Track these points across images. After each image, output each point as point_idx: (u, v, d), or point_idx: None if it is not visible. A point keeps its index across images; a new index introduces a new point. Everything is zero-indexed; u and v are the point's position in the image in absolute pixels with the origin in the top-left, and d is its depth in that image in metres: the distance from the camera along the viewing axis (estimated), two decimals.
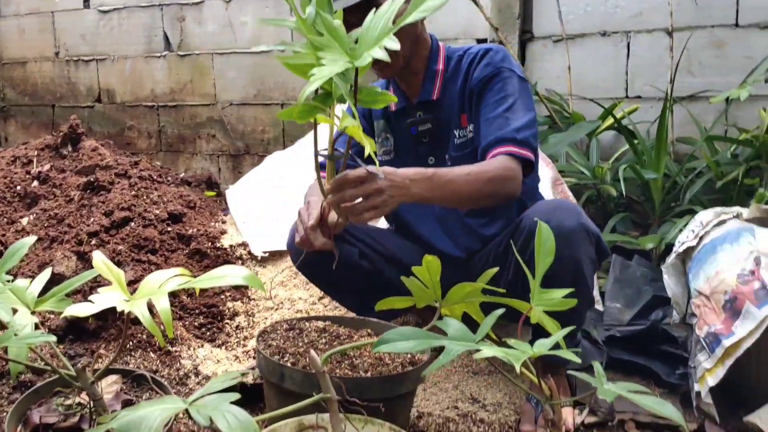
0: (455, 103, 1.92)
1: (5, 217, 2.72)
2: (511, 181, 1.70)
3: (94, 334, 2.07)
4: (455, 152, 1.93)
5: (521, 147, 1.73)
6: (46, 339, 1.26)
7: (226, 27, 4.10)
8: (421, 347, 1.16)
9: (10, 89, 5.02)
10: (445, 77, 1.93)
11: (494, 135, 1.75)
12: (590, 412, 1.84)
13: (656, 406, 1.07)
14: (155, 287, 1.31)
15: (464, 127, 1.92)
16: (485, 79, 1.84)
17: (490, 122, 1.79)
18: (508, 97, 1.80)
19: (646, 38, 3.03)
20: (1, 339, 1.26)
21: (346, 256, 1.92)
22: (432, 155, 1.97)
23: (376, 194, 1.50)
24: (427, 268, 1.33)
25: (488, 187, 1.67)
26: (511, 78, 1.83)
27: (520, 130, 1.75)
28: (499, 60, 1.85)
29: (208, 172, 3.94)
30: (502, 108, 1.79)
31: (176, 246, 2.60)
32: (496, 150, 1.74)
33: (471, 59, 1.90)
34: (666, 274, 2.09)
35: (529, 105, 1.83)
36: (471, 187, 1.65)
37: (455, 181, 1.63)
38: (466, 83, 1.89)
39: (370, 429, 1.39)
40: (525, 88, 1.86)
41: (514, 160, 1.71)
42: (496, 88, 1.82)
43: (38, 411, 1.46)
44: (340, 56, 1.22)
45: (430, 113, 1.94)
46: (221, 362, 2.06)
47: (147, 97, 4.45)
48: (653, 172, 2.63)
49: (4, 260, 1.32)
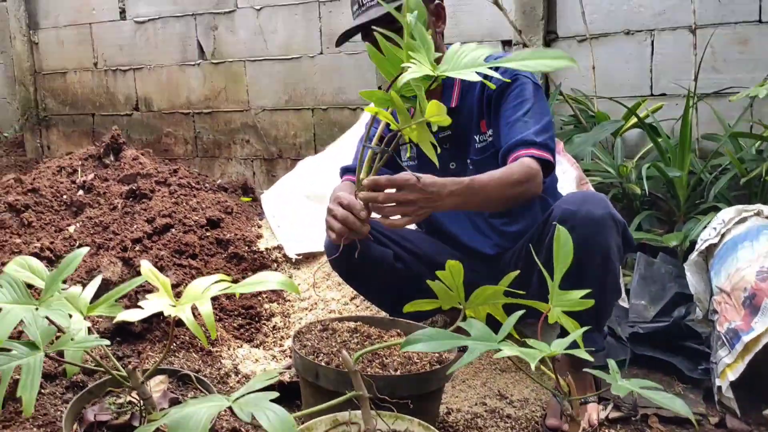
0: (474, 109, 2.00)
1: (53, 225, 2.86)
2: (534, 181, 1.77)
3: (140, 335, 2.19)
4: (476, 156, 2.01)
5: (541, 149, 1.81)
6: (100, 343, 1.37)
7: (258, 35, 4.21)
8: (444, 347, 1.24)
9: (51, 99, 5.21)
10: (463, 86, 2.01)
11: (515, 138, 1.83)
12: (614, 408, 1.90)
13: (666, 401, 1.14)
14: (199, 293, 1.41)
15: (483, 132, 2.00)
16: (503, 85, 1.91)
17: (510, 126, 1.87)
18: (525, 101, 1.88)
19: (670, 36, 3.06)
20: (59, 343, 1.37)
21: (381, 258, 2.01)
22: (453, 160, 2.05)
23: (408, 204, 1.58)
24: (450, 272, 1.41)
25: (516, 190, 1.75)
26: (527, 84, 1.90)
27: (539, 134, 1.82)
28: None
29: (244, 178, 4.06)
30: (520, 112, 1.87)
31: (215, 250, 2.72)
32: (517, 153, 1.81)
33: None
34: (689, 272, 2.14)
35: (545, 109, 1.91)
36: (501, 191, 1.73)
37: (487, 186, 1.71)
38: (484, 90, 1.97)
39: (400, 425, 1.48)
40: (540, 93, 1.93)
41: (535, 161, 1.79)
42: (514, 94, 1.90)
43: (92, 409, 1.57)
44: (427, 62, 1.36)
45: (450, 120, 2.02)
46: (259, 361, 2.16)
47: (183, 104, 4.59)
48: (677, 170, 2.66)
49: (60, 270, 1.42)
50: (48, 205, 2.97)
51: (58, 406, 1.89)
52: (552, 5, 3.29)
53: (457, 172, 2.04)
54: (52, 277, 1.42)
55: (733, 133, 2.75)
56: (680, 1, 3.00)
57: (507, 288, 1.41)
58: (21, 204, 2.89)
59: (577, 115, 3.06)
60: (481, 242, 2.09)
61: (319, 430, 1.45)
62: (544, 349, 1.17)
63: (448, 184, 1.64)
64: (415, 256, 2.09)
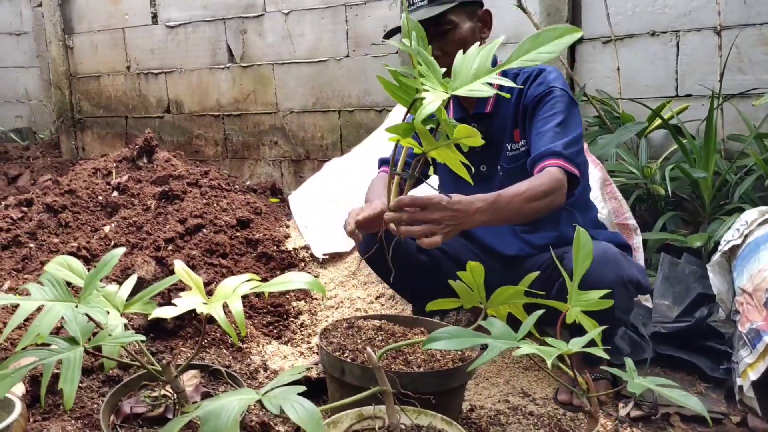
0: (509, 117, 2.03)
1: (89, 225, 2.95)
2: (559, 192, 1.80)
3: (172, 332, 2.26)
4: (507, 164, 2.04)
5: (568, 162, 1.83)
6: (136, 338, 1.43)
7: (286, 38, 4.28)
8: (465, 345, 1.28)
9: (86, 102, 5.34)
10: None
11: (543, 148, 1.86)
12: (635, 406, 1.92)
13: (682, 399, 1.17)
14: (229, 291, 1.47)
15: (516, 141, 2.03)
16: (538, 96, 1.95)
17: (541, 135, 1.90)
18: (558, 113, 1.91)
19: (695, 37, 3.06)
20: (97, 339, 1.43)
21: (404, 248, 2.05)
22: (484, 163, 2.09)
23: (434, 223, 1.61)
24: (471, 272, 1.45)
25: (542, 202, 1.77)
26: (563, 97, 1.93)
27: (568, 146, 1.85)
28: (553, 79, 1.96)
29: (272, 179, 4.13)
30: (552, 123, 1.90)
31: (245, 250, 2.79)
32: (545, 162, 1.84)
33: (526, 77, 2.01)
34: (711, 272, 2.15)
35: (577, 123, 1.93)
36: (528, 205, 1.75)
37: (513, 201, 1.73)
38: (520, 100, 2.00)
39: (423, 420, 1.52)
40: (574, 106, 1.96)
41: (561, 171, 1.82)
42: (548, 105, 1.93)
43: (128, 402, 1.64)
44: (437, 86, 1.38)
45: (483, 125, 2.06)
46: (287, 358, 2.22)
47: (213, 107, 4.69)
48: (702, 171, 2.66)
49: (98, 270, 1.49)
50: (84, 206, 3.07)
51: (94, 399, 1.96)
52: (577, 7, 3.31)
53: (488, 175, 2.08)
54: (91, 276, 1.48)
55: (758, 134, 2.74)
56: (705, 2, 3.00)
57: (527, 288, 1.45)
58: (59, 205, 2.99)
59: (602, 116, 3.08)
60: (503, 245, 2.12)
61: (345, 423, 1.50)
62: (561, 347, 1.21)
63: (475, 201, 1.67)
64: (440, 250, 2.13)
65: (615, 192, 2.56)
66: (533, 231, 2.08)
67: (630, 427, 1.86)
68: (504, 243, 2.11)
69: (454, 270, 1.78)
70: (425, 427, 1.50)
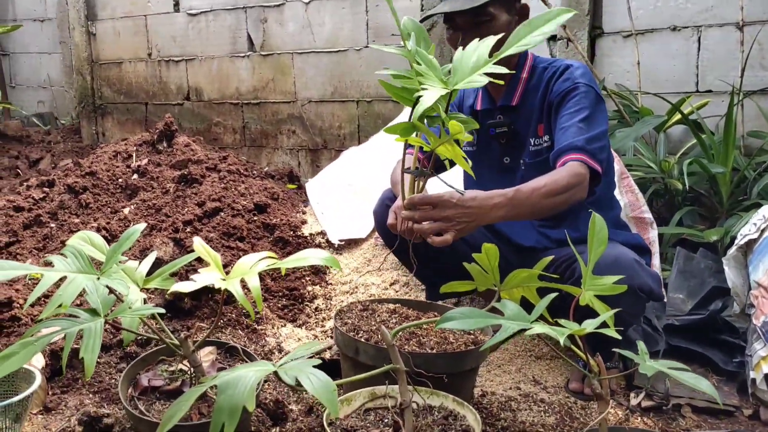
0: (534, 112, 2.03)
1: (109, 206, 3.00)
2: (579, 187, 1.79)
3: (189, 312, 2.29)
4: (529, 159, 2.05)
5: (590, 157, 1.83)
6: (156, 311, 1.46)
7: (306, 27, 4.30)
8: (479, 325, 1.29)
9: (107, 88, 5.39)
10: (528, 86, 2.04)
11: (566, 142, 1.85)
12: (646, 396, 1.93)
13: (693, 381, 1.18)
14: (247, 268, 1.49)
15: (540, 136, 2.03)
16: (564, 92, 1.94)
17: (564, 130, 1.90)
18: (583, 109, 1.90)
19: (717, 32, 3.04)
20: (118, 311, 1.46)
21: None
22: (507, 155, 2.09)
23: (445, 220, 1.63)
24: (486, 254, 1.46)
25: (561, 197, 1.77)
26: (589, 93, 1.92)
27: (591, 141, 1.85)
28: (579, 75, 1.96)
29: (290, 166, 4.16)
30: (577, 118, 1.90)
31: (261, 234, 2.82)
32: (567, 157, 1.84)
33: (553, 72, 2.01)
34: (727, 266, 2.15)
35: (602, 120, 1.93)
36: (547, 201, 1.75)
37: (532, 196, 1.74)
38: (546, 95, 2.00)
39: (435, 400, 1.54)
40: (601, 103, 1.95)
41: (583, 166, 1.81)
42: (574, 101, 1.92)
43: (146, 375, 1.67)
44: (437, 83, 1.41)
45: (508, 117, 2.07)
46: (302, 340, 2.25)
47: (232, 95, 4.72)
48: (720, 166, 2.66)
49: (120, 243, 1.52)
50: (104, 188, 3.11)
51: (112, 374, 2.00)
52: (598, 0, 3.30)
53: (511, 167, 2.09)
54: (113, 250, 1.51)
55: None
56: None
57: (541, 272, 1.47)
58: (80, 186, 3.03)
59: (621, 110, 3.07)
60: (520, 236, 2.13)
61: (357, 402, 1.52)
62: (574, 328, 1.22)
63: (493, 197, 1.68)
64: None
65: (632, 185, 2.55)
66: (553, 226, 2.08)
67: (641, 417, 1.86)
68: (521, 234, 2.12)
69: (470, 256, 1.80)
70: (437, 408, 1.53)
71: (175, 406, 1.20)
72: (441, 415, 1.49)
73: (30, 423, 1.76)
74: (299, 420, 1.78)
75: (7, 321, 2.14)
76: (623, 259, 1.78)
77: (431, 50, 1.52)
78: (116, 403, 1.86)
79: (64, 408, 1.85)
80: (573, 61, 2.04)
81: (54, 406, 1.85)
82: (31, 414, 1.80)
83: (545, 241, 2.09)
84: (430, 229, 1.63)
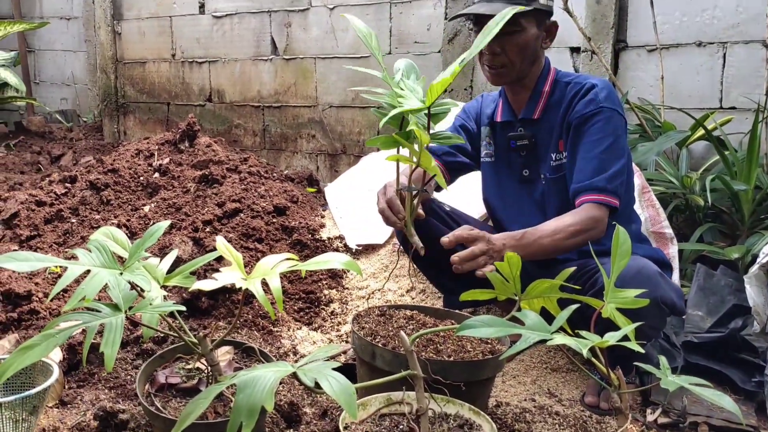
0: (555, 127, 2.02)
1: (130, 204, 3.02)
2: (596, 228, 1.84)
3: (206, 311, 2.30)
4: (550, 174, 2.04)
5: (610, 196, 1.85)
6: (176, 308, 1.47)
7: (329, 33, 4.32)
8: (499, 334, 1.29)
9: (130, 87, 5.45)
10: (550, 100, 2.03)
11: (587, 181, 1.87)
12: (663, 413, 1.91)
13: (715, 398, 1.17)
14: (268, 269, 1.50)
15: (560, 151, 2.02)
16: (587, 115, 1.93)
17: (585, 162, 1.90)
18: (606, 137, 1.90)
19: (743, 50, 3.02)
20: (139, 307, 1.47)
21: (436, 234, 2.07)
22: (527, 168, 2.09)
23: (481, 254, 1.72)
24: (509, 263, 1.46)
25: (574, 240, 1.82)
26: (612, 118, 1.91)
27: (612, 179, 1.86)
28: (603, 98, 1.93)
29: (309, 170, 4.17)
30: (599, 149, 1.89)
31: (280, 236, 2.83)
32: (585, 197, 1.86)
33: (576, 90, 1.99)
34: (748, 284, 2.13)
35: (623, 148, 1.93)
36: (557, 243, 1.81)
37: (542, 239, 1.80)
38: (567, 113, 1.99)
39: (451, 408, 1.54)
40: (623, 128, 1.95)
41: (601, 207, 1.84)
42: (596, 128, 1.91)
43: (163, 372, 1.68)
44: (413, 102, 1.57)
45: (529, 130, 2.06)
46: (317, 343, 2.25)
47: (254, 97, 4.75)
48: (743, 184, 2.64)
49: (144, 239, 1.53)
50: (126, 185, 3.14)
51: (128, 371, 2.01)
52: (623, 14, 3.29)
53: (530, 179, 2.09)
54: (136, 246, 1.52)
55: None
56: (755, 14, 2.97)
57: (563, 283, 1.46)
58: (101, 183, 3.06)
59: (643, 124, 3.06)
60: None
61: (373, 407, 1.52)
62: (596, 339, 1.21)
63: (505, 239, 1.78)
64: None
65: (653, 200, 2.54)
66: None
67: None
68: None
69: None
70: (452, 416, 1.52)
71: (193, 404, 1.20)
72: (456, 423, 1.48)
73: (46, 416, 1.77)
74: (313, 423, 1.78)
75: (26, 314, 2.15)
76: (646, 272, 1.77)
77: (422, 81, 1.68)
78: (131, 399, 1.86)
79: (80, 402, 1.86)
80: (598, 79, 2.02)
81: (70, 400, 1.86)
82: (47, 407, 1.81)
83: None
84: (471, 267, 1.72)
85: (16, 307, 2.18)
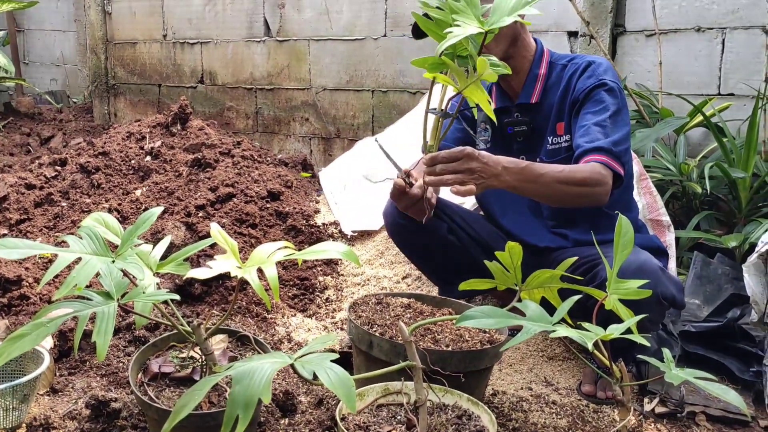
0: (553, 110, 1.99)
1: (121, 188, 2.98)
2: (601, 186, 1.75)
3: (199, 298, 2.27)
4: (546, 157, 2.00)
5: (615, 160, 1.78)
6: (170, 297, 1.44)
7: (323, 15, 4.26)
8: (500, 325, 1.27)
9: (121, 68, 5.37)
10: (547, 83, 2.00)
11: (593, 143, 1.80)
12: (660, 402, 1.90)
13: (720, 392, 1.15)
14: (264, 257, 1.47)
15: (559, 135, 1.98)
16: (587, 89, 1.90)
17: (587, 128, 1.85)
18: (608, 107, 1.86)
19: (742, 35, 2.99)
20: (131, 295, 1.44)
21: (433, 226, 2.04)
22: (524, 153, 2.05)
23: (467, 173, 1.61)
24: (510, 253, 1.43)
25: (578, 188, 1.73)
26: (612, 90, 1.88)
27: (617, 144, 1.80)
28: (602, 72, 1.91)
29: (302, 154, 4.13)
30: (601, 117, 1.85)
31: (274, 222, 2.79)
32: (591, 156, 1.79)
33: (574, 70, 1.96)
34: (747, 273, 2.11)
35: (626, 119, 1.89)
36: (561, 185, 1.72)
37: (547, 176, 1.71)
38: (567, 93, 1.95)
39: (449, 398, 1.52)
40: (624, 101, 1.91)
41: (607, 169, 1.77)
42: (597, 98, 1.88)
43: (157, 361, 1.65)
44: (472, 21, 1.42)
45: (526, 116, 2.03)
46: (311, 331, 2.23)
47: (246, 79, 4.69)
48: (741, 171, 2.62)
49: (137, 226, 1.49)
50: (117, 169, 3.09)
51: (120, 358, 1.98)
52: None
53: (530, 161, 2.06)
54: (129, 233, 1.49)
55: None
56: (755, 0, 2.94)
57: (564, 273, 1.44)
58: (92, 166, 3.01)
59: (641, 110, 3.03)
60: (534, 237, 2.09)
61: (370, 397, 1.50)
62: (600, 332, 1.19)
63: (501, 160, 1.67)
64: (469, 235, 2.11)
65: (650, 187, 2.52)
66: (567, 227, 2.05)
67: (654, 423, 1.84)
68: (534, 235, 2.08)
69: (482, 256, 1.76)
70: (451, 406, 1.50)
71: (188, 395, 1.17)
72: (455, 414, 1.47)
73: (37, 404, 1.75)
74: (308, 412, 1.76)
75: (16, 299, 2.12)
76: (648, 266, 1.74)
77: None
78: (124, 387, 1.84)
79: (72, 390, 1.83)
80: (595, 56, 1.99)
81: (61, 388, 1.83)
82: (38, 395, 1.79)
83: (560, 240, 2.06)
84: (452, 180, 1.62)
85: (6, 292, 2.15)
